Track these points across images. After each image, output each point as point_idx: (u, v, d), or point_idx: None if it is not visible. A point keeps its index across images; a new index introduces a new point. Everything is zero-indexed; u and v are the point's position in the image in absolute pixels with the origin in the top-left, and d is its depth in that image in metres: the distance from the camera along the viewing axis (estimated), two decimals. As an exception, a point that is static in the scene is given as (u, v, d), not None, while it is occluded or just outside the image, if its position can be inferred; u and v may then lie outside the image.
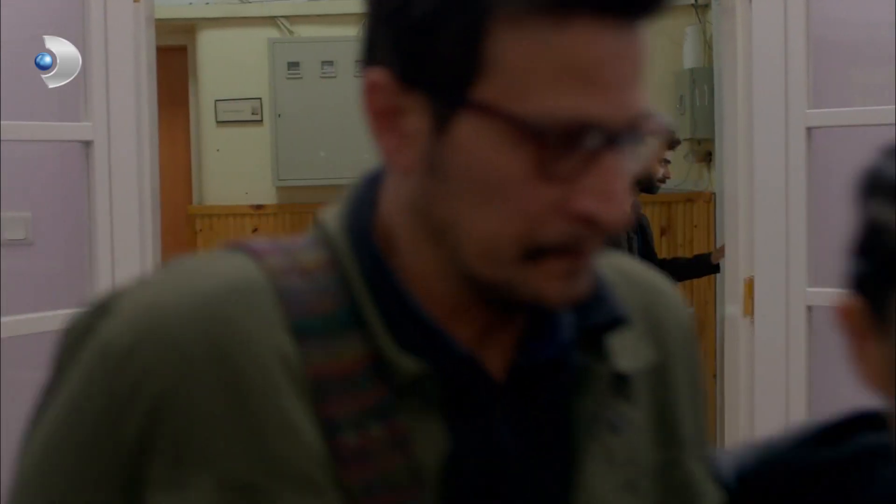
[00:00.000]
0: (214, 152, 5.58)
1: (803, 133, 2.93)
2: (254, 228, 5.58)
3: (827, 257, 3.01)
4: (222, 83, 5.55)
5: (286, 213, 5.58)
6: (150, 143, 3.11)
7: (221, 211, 5.57)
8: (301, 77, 5.40)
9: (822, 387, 3.02)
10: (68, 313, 0.82)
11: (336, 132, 5.39)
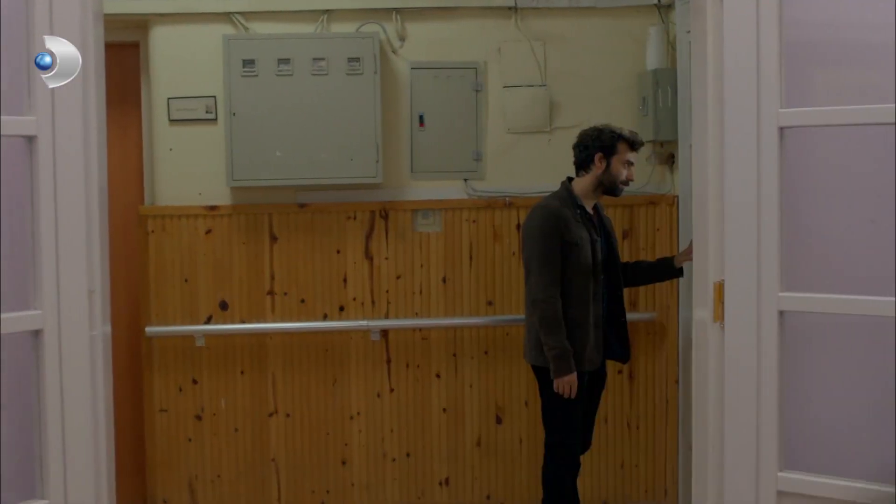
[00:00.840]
0: (167, 152, 5.41)
1: (776, 133, 2.85)
2: (207, 230, 5.42)
3: (800, 261, 2.92)
4: (175, 81, 5.39)
5: (241, 215, 5.43)
6: (98, 140, 2.97)
7: (174, 212, 5.40)
8: (256, 75, 5.25)
9: (794, 394, 2.93)
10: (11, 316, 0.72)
11: (292, 131, 5.27)
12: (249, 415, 5.54)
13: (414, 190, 5.51)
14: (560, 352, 4.60)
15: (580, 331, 4.68)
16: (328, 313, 5.49)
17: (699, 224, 3.10)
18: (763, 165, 2.87)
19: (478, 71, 5.49)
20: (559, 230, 4.64)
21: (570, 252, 4.65)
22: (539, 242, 4.66)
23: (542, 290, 4.63)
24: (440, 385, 5.58)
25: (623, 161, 4.77)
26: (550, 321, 4.61)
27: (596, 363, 4.77)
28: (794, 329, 2.91)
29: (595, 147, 4.76)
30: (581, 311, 4.69)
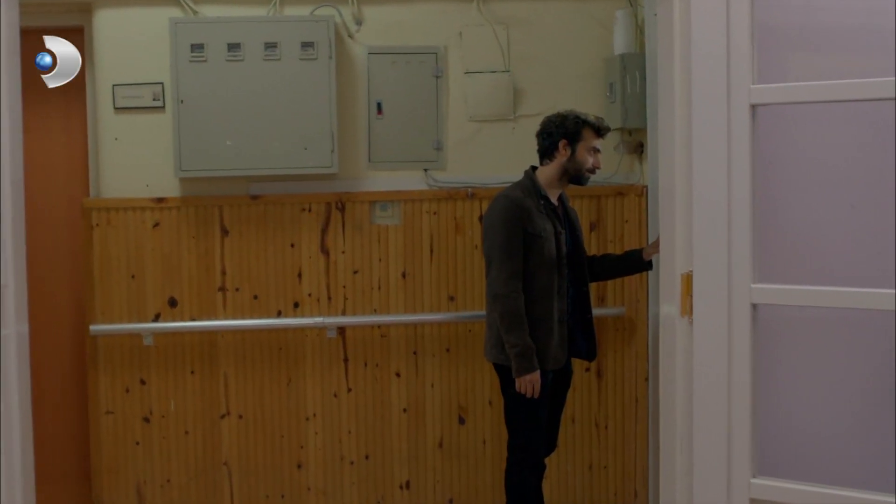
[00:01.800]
0: (112, 141, 5.17)
1: (747, 111, 2.64)
2: (155, 223, 5.17)
3: (773, 250, 2.71)
4: (121, 67, 5.14)
5: (190, 207, 5.19)
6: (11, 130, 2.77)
7: (120, 204, 5.16)
8: (205, 60, 5.01)
9: (768, 393, 2.73)
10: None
11: (243, 120, 5.04)
12: (200, 417, 5.32)
13: (372, 181, 5.29)
14: (522, 349, 4.39)
15: (544, 327, 4.48)
16: (282, 310, 5.28)
17: (666, 212, 2.89)
18: (734, 147, 2.66)
19: (438, 56, 5.28)
20: (521, 221, 4.44)
21: (533, 244, 4.45)
22: (500, 234, 4.45)
23: (503, 284, 4.42)
24: (400, 384, 5.37)
25: (589, 148, 4.56)
26: (512, 317, 4.40)
27: (561, 361, 4.56)
28: (768, 323, 2.71)
29: (559, 134, 4.55)
30: (545, 306, 4.48)
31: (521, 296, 4.43)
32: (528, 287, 4.46)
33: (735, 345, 2.70)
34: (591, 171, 4.60)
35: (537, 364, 4.42)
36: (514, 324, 4.40)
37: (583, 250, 4.75)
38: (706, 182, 2.70)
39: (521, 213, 4.45)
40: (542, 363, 4.46)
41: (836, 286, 2.57)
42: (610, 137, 5.10)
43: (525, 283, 4.45)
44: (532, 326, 4.44)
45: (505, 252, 4.43)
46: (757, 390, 2.69)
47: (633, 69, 5.14)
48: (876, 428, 2.65)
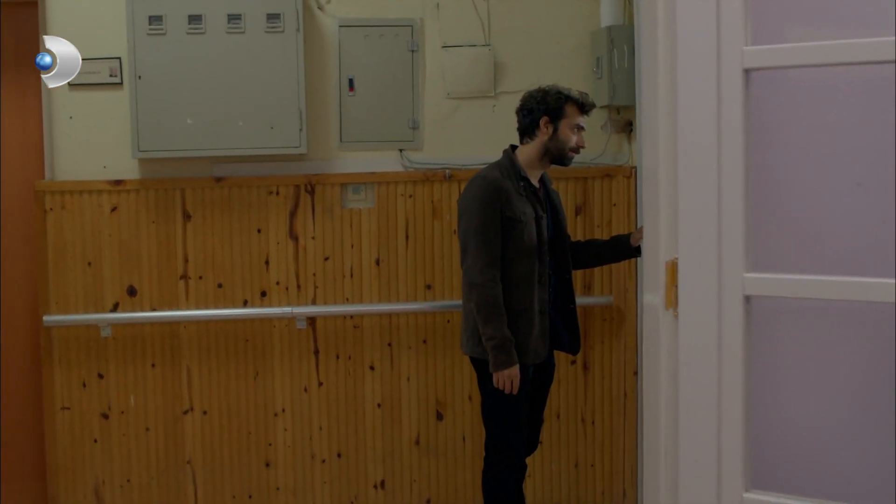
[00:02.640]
0: (67, 120, 4.87)
1: (740, 77, 2.32)
2: (112, 207, 4.87)
3: (769, 235, 2.40)
4: (76, 41, 4.74)
5: (150, 190, 4.89)
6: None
7: (75, 187, 4.85)
8: (164, 33, 4.71)
9: (763, 396, 2.42)
10: None
11: (205, 97, 4.74)
12: (162, 412, 5.04)
13: (343, 162, 5.01)
14: (499, 342, 4.09)
15: (523, 318, 4.18)
16: (249, 299, 5.00)
17: (649, 192, 2.59)
18: (725, 117, 2.35)
19: (414, 29, 4.99)
20: (499, 204, 4.14)
21: (512, 229, 4.15)
22: (476, 218, 4.15)
23: (479, 272, 4.12)
24: (374, 378, 5.10)
25: (572, 125, 4.25)
26: (489, 307, 4.10)
27: (541, 355, 4.26)
28: (762, 317, 2.40)
29: (540, 110, 4.25)
30: (524, 295, 4.19)
31: (499, 285, 4.13)
32: (507, 275, 4.17)
33: (726, 342, 2.39)
34: (574, 151, 4.30)
35: (516, 358, 4.13)
36: (491, 315, 4.11)
37: (566, 236, 4.45)
38: (693, 158, 2.39)
39: (498, 195, 4.15)
40: (522, 357, 4.17)
41: (840, 275, 2.25)
42: (596, 115, 4.85)
43: (503, 271, 4.16)
44: (511, 317, 4.15)
45: (481, 237, 4.13)
46: (750, 393, 2.38)
47: (621, 43, 4.85)
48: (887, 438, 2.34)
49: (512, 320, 4.15)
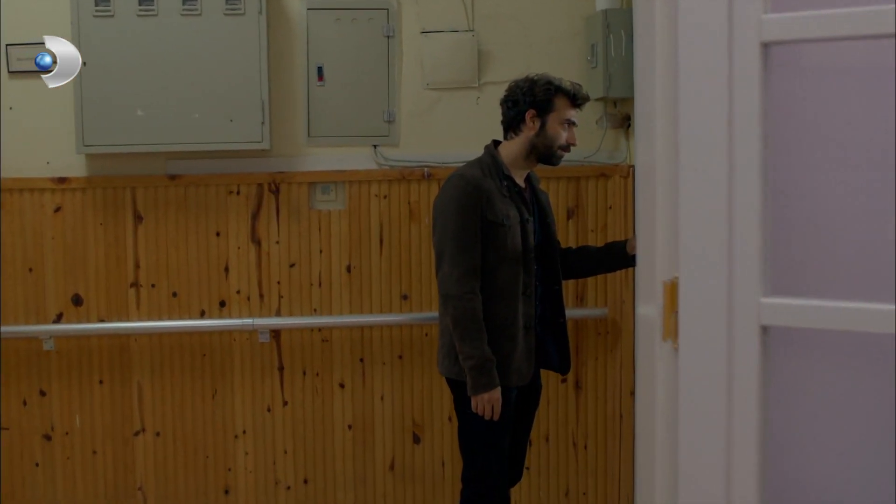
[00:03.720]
0: (6, 111, 4.43)
1: (757, 53, 1.87)
2: (56, 207, 4.43)
3: (792, 249, 1.95)
4: (15, 23, 4.41)
5: (97, 188, 4.46)
6: None
7: (14, 185, 4.42)
8: (112, 15, 4.28)
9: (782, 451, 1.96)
10: None
11: (157, 85, 4.31)
12: (110, 434, 4.61)
13: (311, 158, 4.58)
14: (478, 362, 3.65)
15: (506, 335, 3.74)
16: (206, 310, 4.58)
17: (644, 196, 2.14)
18: (738, 105, 1.89)
19: (390, 13, 4.56)
20: (479, 206, 3.70)
21: (494, 234, 3.70)
22: (453, 221, 3.71)
23: (455, 282, 3.68)
24: (345, 397, 4.67)
25: (562, 120, 3.80)
26: (466, 323, 3.66)
27: (526, 376, 3.82)
28: (783, 353, 1.95)
29: (526, 103, 3.80)
30: (507, 309, 3.74)
31: (479, 297, 3.69)
32: (488, 286, 3.73)
33: (738, 383, 1.94)
34: (564, 149, 3.84)
35: (497, 380, 3.68)
36: (468, 331, 3.67)
37: (555, 242, 3.99)
38: (697, 155, 1.94)
39: (478, 196, 3.70)
40: (504, 378, 3.73)
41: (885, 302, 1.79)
42: (591, 109, 4.45)
43: (483, 282, 3.72)
44: (492, 334, 3.71)
45: (458, 244, 3.69)
46: (767, 447, 1.93)
47: (618, 28, 4.41)
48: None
49: (493, 337, 3.71)
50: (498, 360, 3.71)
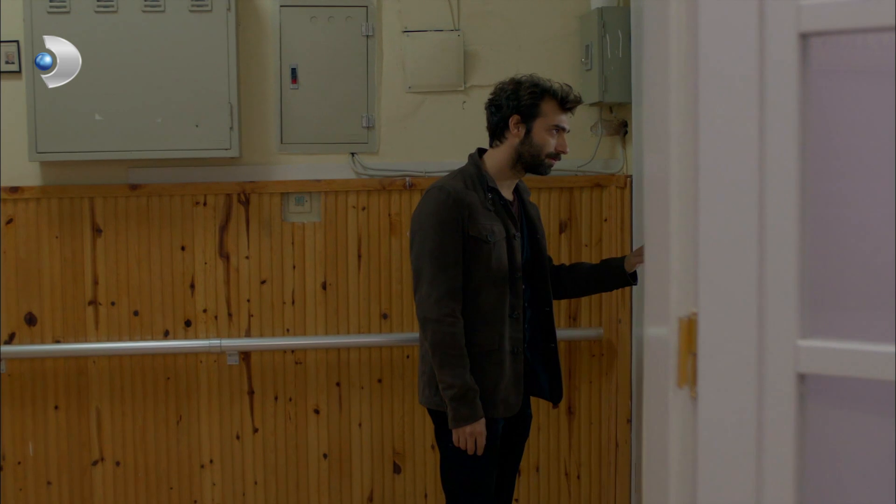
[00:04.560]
0: (-44, 115, 4.13)
1: (794, 46, 1.57)
2: (8, 219, 4.14)
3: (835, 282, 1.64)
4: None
5: (53, 199, 4.17)
6: None
7: (-37, 195, 4.10)
8: (68, 11, 4.00)
9: None
10: None
11: (118, 88, 4.03)
12: (66, 463, 4.30)
13: (284, 167, 4.28)
14: (459, 391, 3.35)
15: (490, 362, 3.44)
16: (170, 330, 4.27)
17: (654, 216, 1.84)
18: (771, 108, 1.60)
19: (369, 10, 4.28)
20: (460, 221, 3.40)
21: (477, 252, 3.41)
22: (431, 238, 3.41)
23: (434, 305, 3.37)
24: (320, 423, 4.36)
25: (549, 126, 3.48)
26: (446, 349, 3.36)
27: (514, 406, 3.50)
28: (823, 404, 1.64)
29: (511, 107, 3.50)
30: (492, 333, 3.44)
31: (460, 320, 3.39)
32: (470, 308, 3.42)
33: (769, 440, 1.64)
34: (553, 158, 3.53)
35: (481, 411, 3.38)
36: (448, 358, 3.36)
37: (545, 259, 3.68)
38: (723, 168, 1.64)
39: (460, 210, 3.40)
40: (489, 409, 3.42)
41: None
42: (585, 114, 4.22)
43: (466, 304, 3.42)
44: (476, 361, 3.41)
45: (438, 262, 3.39)
46: None
47: (614, 28, 4.12)
48: None
49: (476, 364, 3.40)
50: (483, 389, 3.40)
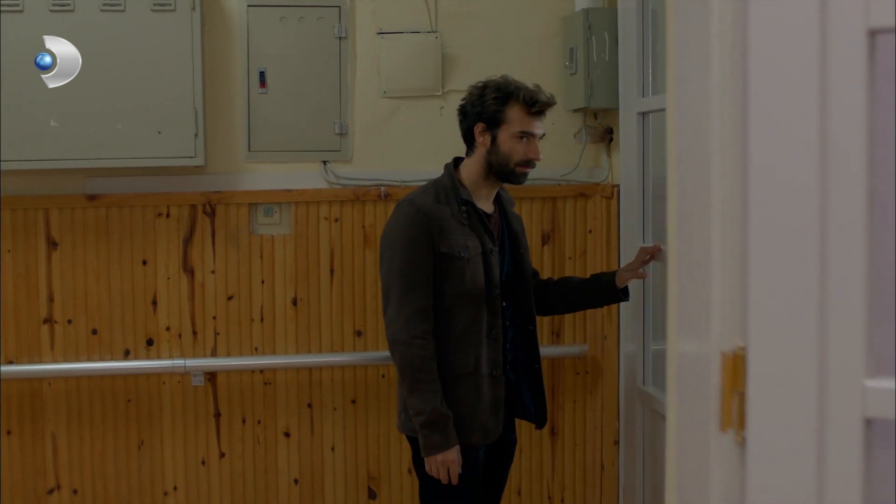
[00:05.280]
0: None
1: (862, 44, 1.37)
2: (-43, 233, 3.86)
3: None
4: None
5: (4, 210, 3.95)
6: None
7: None
8: (21, 10, 3.78)
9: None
10: None
11: (74, 92, 3.79)
12: (20, 492, 4.05)
13: (251, 176, 4.07)
14: (430, 417, 3.16)
15: (466, 385, 3.24)
16: (131, 349, 4.04)
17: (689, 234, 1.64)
18: (835, 115, 1.40)
19: (342, 11, 4.08)
20: (430, 237, 3.21)
21: (450, 269, 3.22)
22: (400, 256, 3.23)
23: (403, 326, 3.19)
24: (290, 447, 4.15)
25: (515, 133, 3.26)
26: (415, 373, 3.18)
27: (493, 432, 3.29)
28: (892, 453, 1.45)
29: (475, 114, 3.31)
30: (467, 356, 3.25)
31: (431, 342, 3.20)
32: (444, 329, 3.23)
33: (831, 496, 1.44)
34: (524, 165, 3.30)
35: (455, 438, 3.18)
36: (418, 382, 3.17)
37: (528, 274, 3.47)
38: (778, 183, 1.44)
39: (428, 225, 3.21)
40: (465, 436, 3.23)
41: None
42: (568, 120, 4.08)
43: (439, 324, 3.23)
44: (449, 385, 3.22)
45: (406, 282, 3.20)
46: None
47: (600, 30, 3.94)
48: None
49: (450, 388, 3.21)
50: (458, 415, 3.20)
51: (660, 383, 3.82)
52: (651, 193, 3.80)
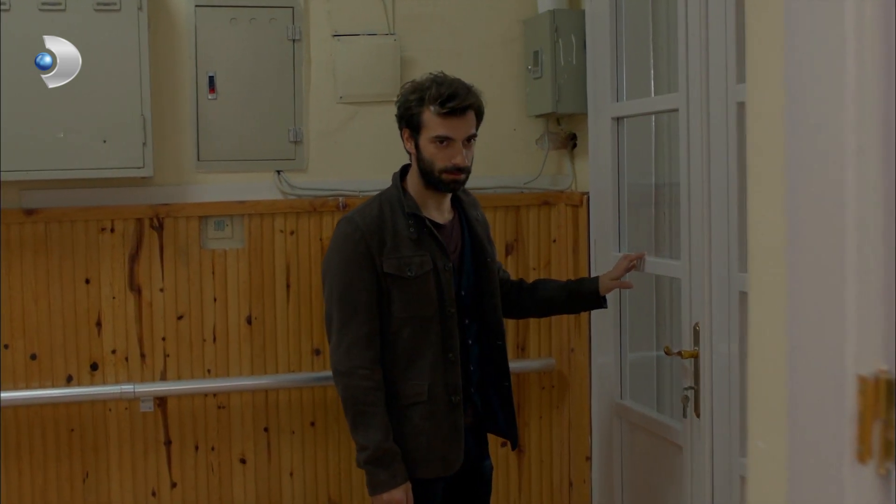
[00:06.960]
0: None
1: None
2: None
3: None
4: None
5: None
6: None
7: None
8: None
9: None
10: None
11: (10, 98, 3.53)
12: (-46, 531, 3.75)
13: (201, 187, 3.85)
14: (373, 454, 2.97)
15: (420, 414, 3.04)
16: (74, 375, 3.77)
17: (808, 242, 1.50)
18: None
19: (295, 12, 3.89)
20: (370, 258, 3.01)
21: (397, 290, 3.02)
22: (339, 280, 3.04)
23: (343, 355, 3.01)
24: (246, 474, 3.91)
25: (432, 138, 3.03)
26: (357, 406, 3.00)
27: (454, 463, 3.08)
28: None
29: (399, 118, 3.14)
30: (420, 382, 3.04)
31: (375, 371, 3.00)
32: (393, 354, 3.04)
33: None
34: (451, 172, 3.04)
35: (403, 475, 2.98)
36: (360, 416, 2.99)
37: (494, 287, 3.24)
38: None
39: (367, 245, 3.00)
40: (423, 469, 3.04)
41: None
42: (529, 126, 3.98)
43: (387, 350, 3.03)
44: (401, 415, 3.03)
45: (346, 307, 3.01)
46: None
47: (567, 32, 3.81)
48: None
49: (403, 418, 3.02)
50: (412, 447, 3.01)
51: (638, 396, 3.67)
52: (627, 201, 3.66)
